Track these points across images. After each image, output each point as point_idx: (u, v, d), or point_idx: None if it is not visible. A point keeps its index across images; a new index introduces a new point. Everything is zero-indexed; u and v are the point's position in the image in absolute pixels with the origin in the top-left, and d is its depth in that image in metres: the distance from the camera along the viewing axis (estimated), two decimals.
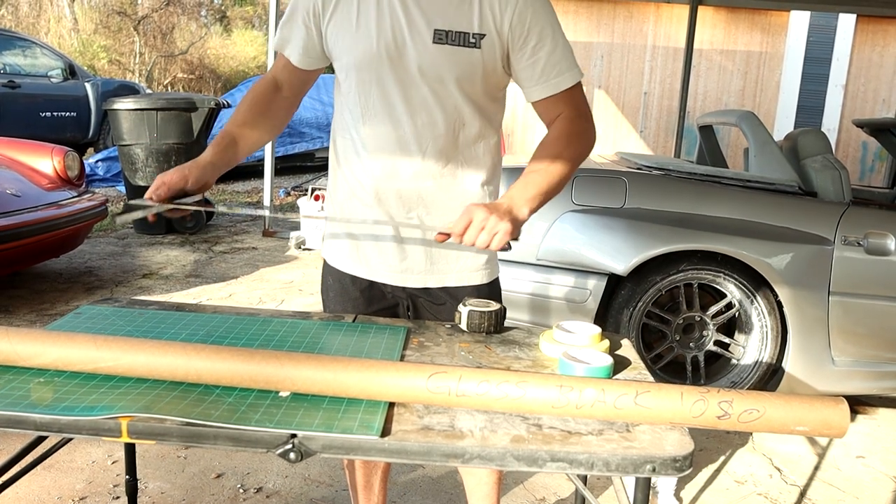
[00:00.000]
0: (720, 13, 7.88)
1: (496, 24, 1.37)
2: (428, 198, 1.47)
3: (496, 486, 1.70)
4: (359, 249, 1.54)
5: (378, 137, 1.44)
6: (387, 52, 1.37)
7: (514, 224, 1.32)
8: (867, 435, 2.98)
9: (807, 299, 2.88)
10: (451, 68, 1.37)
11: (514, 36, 1.38)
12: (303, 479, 2.38)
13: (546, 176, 1.39)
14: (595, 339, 1.32)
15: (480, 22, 1.36)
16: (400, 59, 1.38)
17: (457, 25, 1.36)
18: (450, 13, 1.35)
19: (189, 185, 1.40)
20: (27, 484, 2.25)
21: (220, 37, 19.50)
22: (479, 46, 1.37)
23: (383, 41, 1.37)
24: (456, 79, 1.39)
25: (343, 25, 1.40)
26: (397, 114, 1.41)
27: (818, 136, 3.29)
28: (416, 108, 1.41)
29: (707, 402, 1.02)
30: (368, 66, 1.39)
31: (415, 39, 1.36)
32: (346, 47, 1.41)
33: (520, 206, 1.35)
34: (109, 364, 1.08)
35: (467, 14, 1.36)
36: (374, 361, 1.08)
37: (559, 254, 2.92)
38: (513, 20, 1.36)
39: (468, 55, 1.37)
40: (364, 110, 1.44)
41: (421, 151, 1.43)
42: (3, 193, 3.90)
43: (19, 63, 8.50)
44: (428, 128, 1.42)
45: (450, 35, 1.36)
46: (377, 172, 1.46)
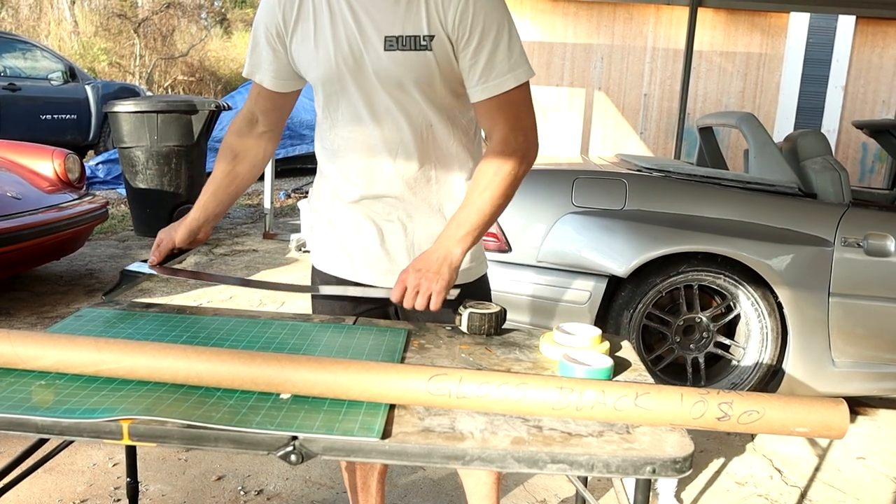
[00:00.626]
0: (720, 15, 7.89)
1: (441, 23, 1.34)
2: (407, 200, 1.48)
3: (495, 486, 1.70)
4: (344, 252, 1.56)
5: (350, 146, 1.46)
6: (346, 64, 1.38)
7: (450, 272, 1.36)
8: (867, 436, 2.98)
9: (807, 301, 2.88)
10: (408, 73, 1.37)
11: (458, 35, 1.34)
12: (304, 481, 2.38)
13: (477, 211, 1.38)
14: (595, 340, 1.33)
15: (428, 23, 1.34)
16: (359, 70, 1.38)
17: (407, 30, 1.34)
18: (398, 19, 1.34)
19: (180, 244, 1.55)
20: (28, 487, 2.25)
21: (221, 39, 19.52)
22: (430, 48, 1.35)
23: (341, 54, 1.37)
24: (415, 83, 1.38)
25: (304, 42, 1.41)
26: (365, 122, 1.43)
27: (818, 137, 3.29)
28: (382, 116, 1.42)
29: (707, 403, 1.02)
30: (331, 80, 1.41)
31: (368, 49, 1.36)
32: (309, 63, 1.42)
33: (452, 250, 1.36)
34: (111, 367, 1.08)
35: (415, 17, 1.34)
36: (375, 363, 1.09)
37: (559, 256, 2.92)
38: (455, 19, 1.32)
39: (422, 58, 1.35)
40: (334, 122, 1.46)
41: (392, 157, 1.45)
42: (4, 196, 3.91)
43: (20, 66, 8.51)
44: (395, 133, 1.43)
45: (400, 40, 1.35)
46: (354, 179, 1.48)
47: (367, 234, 1.52)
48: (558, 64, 8.03)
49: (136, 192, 5.82)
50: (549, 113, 8.09)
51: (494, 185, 1.38)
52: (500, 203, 1.40)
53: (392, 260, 1.53)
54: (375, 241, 1.52)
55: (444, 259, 1.35)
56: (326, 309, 1.62)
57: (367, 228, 1.52)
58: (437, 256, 1.35)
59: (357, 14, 1.35)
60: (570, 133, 8.17)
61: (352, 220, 1.53)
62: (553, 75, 8.05)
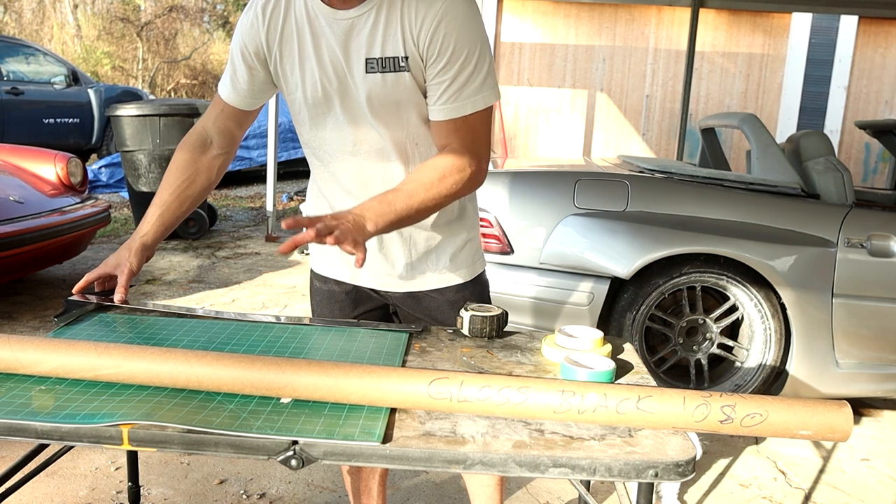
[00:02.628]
0: (722, 15, 7.88)
1: (414, 42, 1.33)
2: None
3: (499, 488, 1.70)
4: (343, 256, 1.56)
5: (341, 159, 1.46)
6: (331, 85, 1.38)
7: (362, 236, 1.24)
8: (872, 437, 2.97)
9: (810, 302, 2.87)
10: (389, 94, 1.36)
11: (427, 54, 1.33)
12: (306, 484, 2.38)
13: (407, 201, 1.30)
14: (597, 343, 1.32)
15: (404, 44, 1.33)
16: (344, 91, 1.38)
17: (386, 51, 1.34)
18: (378, 41, 1.34)
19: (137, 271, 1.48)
20: (30, 491, 2.25)
21: (223, 42, 19.55)
22: (408, 69, 1.35)
23: (326, 76, 1.37)
24: (396, 103, 1.38)
25: (289, 62, 1.40)
26: (352, 142, 1.43)
27: (820, 137, 3.29)
28: (369, 136, 1.42)
29: (710, 406, 1.02)
30: (317, 101, 1.40)
31: (352, 71, 1.36)
32: (295, 84, 1.41)
33: (365, 223, 1.25)
34: (111, 371, 1.08)
35: (393, 39, 1.33)
36: (376, 367, 1.08)
37: (562, 257, 2.92)
38: (426, 38, 1.32)
39: (400, 79, 1.35)
40: (322, 142, 1.46)
41: (381, 174, 1.45)
42: (7, 200, 3.91)
43: (23, 70, 8.54)
44: (383, 153, 1.43)
45: (381, 62, 1.34)
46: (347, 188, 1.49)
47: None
48: (560, 65, 8.03)
49: (139, 195, 5.83)
50: (550, 115, 8.09)
51: (435, 189, 1.33)
52: (428, 208, 1.34)
53: (391, 264, 1.54)
54: (374, 247, 1.52)
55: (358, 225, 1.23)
56: (325, 311, 1.62)
57: None
58: (352, 217, 1.24)
59: (338, 36, 1.35)
60: (572, 134, 8.17)
61: None
62: (555, 77, 8.05)
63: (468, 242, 1.59)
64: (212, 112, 1.53)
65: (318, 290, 1.65)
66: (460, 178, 1.36)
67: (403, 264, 1.54)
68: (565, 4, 7.87)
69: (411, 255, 1.53)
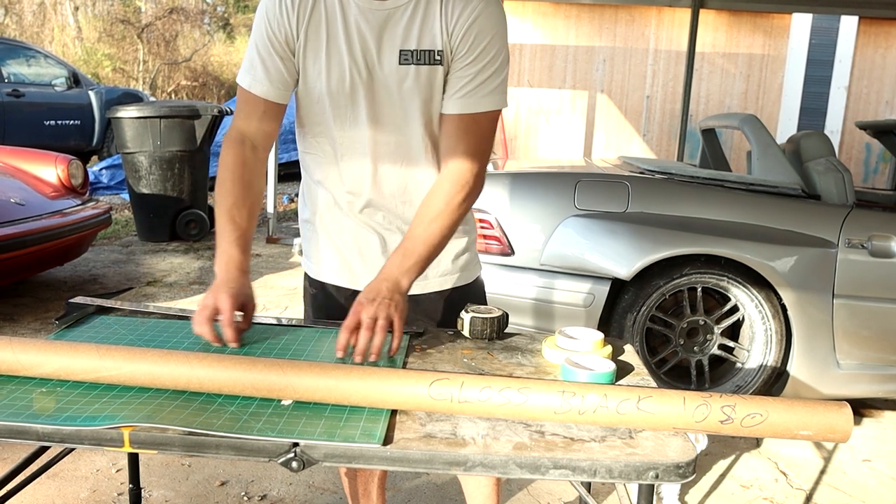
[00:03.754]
0: (722, 16, 7.88)
1: (449, 36, 1.36)
2: (409, 208, 1.49)
3: (495, 489, 1.69)
4: (342, 259, 1.54)
5: (355, 156, 1.45)
6: (358, 75, 1.37)
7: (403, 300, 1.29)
8: (873, 438, 2.96)
9: (811, 302, 2.87)
10: (420, 87, 1.37)
11: (457, 48, 1.36)
12: (307, 486, 2.38)
13: (424, 242, 1.34)
14: (598, 344, 1.32)
15: (441, 38, 1.36)
16: (371, 81, 1.38)
17: (422, 44, 1.35)
18: (414, 32, 1.35)
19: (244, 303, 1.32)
20: (32, 493, 2.26)
21: (224, 44, 19.56)
22: (441, 63, 1.37)
23: (355, 65, 1.36)
24: (425, 96, 1.39)
25: (314, 52, 1.38)
26: (371, 133, 1.42)
27: (821, 138, 3.29)
28: (389, 127, 1.41)
29: (710, 406, 1.02)
30: (341, 92, 1.39)
31: (383, 62, 1.36)
32: (318, 72, 1.39)
33: (400, 281, 1.30)
34: (112, 373, 1.08)
35: (431, 32, 1.35)
36: (376, 369, 1.08)
37: (562, 259, 2.92)
38: (461, 33, 1.35)
39: (433, 73, 1.37)
40: (340, 131, 1.43)
41: (396, 168, 1.45)
42: (7, 202, 3.92)
43: (23, 72, 8.54)
44: (402, 146, 1.43)
45: (415, 54, 1.35)
46: (357, 189, 1.47)
47: (367, 242, 1.52)
48: (560, 66, 8.03)
49: (140, 197, 5.83)
50: (551, 116, 8.09)
51: (444, 216, 1.36)
52: (446, 235, 1.37)
53: None
54: (377, 249, 1.52)
55: (394, 288, 1.29)
56: (322, 317, 1.59)
57: (367, 237, 1.51)
58: (386, 286, 1.28)
59: (373, 26, 1.35)
60: (572, 136, 8.17)
61: (351, 229, 1.52)
62: (555, 78, 8.05)
63: (468, 246, 1.59)
64: (249, 113, 1.44)
65: (314, 297, 1.62)
66: (465, 194, 1.38)
67: None
68: (566, 5, 7.87)
69: None
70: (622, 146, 8.19)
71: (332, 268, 1.57)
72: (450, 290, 1.57)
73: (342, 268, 1.55)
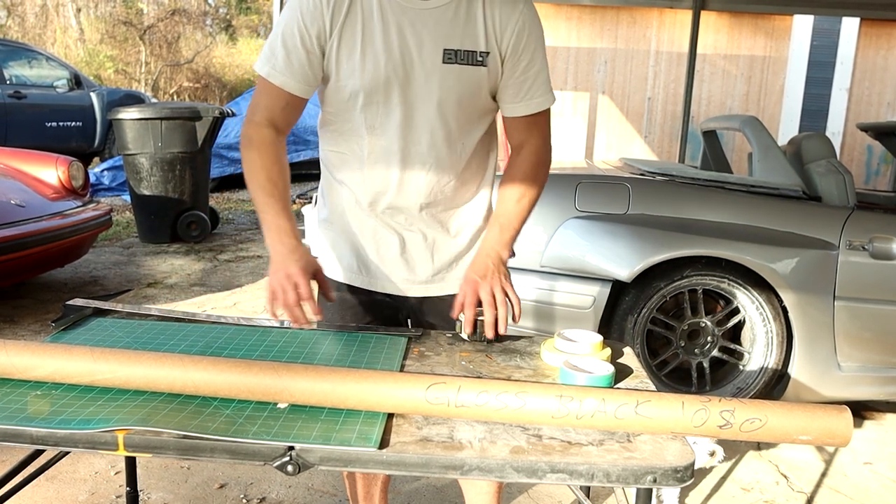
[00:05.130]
0: (723, 18, 7.88)
1: (497, 41, 1.39)
2: (432, 210, 1.49)
3: (496, 496, 1.68)
4: (360, 260, 1.54)
5: (383, 155, 1.44)
6: (395, 73, 1.37)
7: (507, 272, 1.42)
8: (874, 441, 2.95)
9: (812, 304, 2.86)
10: (458, 87, 1.40)
11: (509, 54, 1.41)
12: (306, 488, 2.37)
13: (517, 217, 1.47)
14: (596, 347, 1.31)
15: (486, 40, 1.39)
16: (407, 80, 1.38)
17: (465, 44, 1.38)
18: (457, 32, 1.37)
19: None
20: (30, 495, 2.25)
21: (226, 45, 19.58)
22: (485, 64, 1.40)
23: (391, 63, 1.36)
24: (461, 96, 1.41)
25: (348, 48, 1.37)
26: (402, 132, 1.42)
27: (822, 140, 3.28)
28: (421, 126, 1.42)
29: (709, 411, 1.01)
30: (376, 89, 1.38)
31: (423, 60, 1.37)
32: (352, 70, 1.38)
33: (501, 254, 1.43)
34: (107, 376, 1.07)
35: (473, 33, 1.38)
36: (373, 372, 1.08)
37: (563, 260, 2.91)
38: (512, 39, 1.40)
39: (475, 73, 1.40)
40: (370, 129, 1.43)
41: (425, 168, 1.45)
42: (8, 204, 3.92)
43: (25, 73, 8.55)
44: (432, 145, 1.43)
45: (459, 54, 1.38)
46: (381, 188, 1.46)
47: (387, 243, 1.51)
48: (562, 68, 8.03)
49: (141, 198, 5.83)
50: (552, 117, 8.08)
51: (531, 193, 1.48)
52: (531, 210, 1.49)
53: (411, 269, 1.53)
54: (396, 250, 1.51)
55: (498, 261, 1.41)
56: (336, 319, 1.58)
57: (387, 237, 1.51)
58: (491, 261, 1.40)
59: (414, 25, 1.36)
60: (573, 137, 8.16)
61: (371, 228, 1.51)
62: (556, 79, 8.04)
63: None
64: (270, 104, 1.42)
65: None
66: (543, 172, 1.52)
67: (425, 270, 1.53)
68: (567, 7, 7.87)
69: (434, 261, 1.52)
70: (623, 148, 8.18)
71: (349, 268, 1.56)
72: None
73: (359, 268, 1.55)
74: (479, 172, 1.53)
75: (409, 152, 1.43)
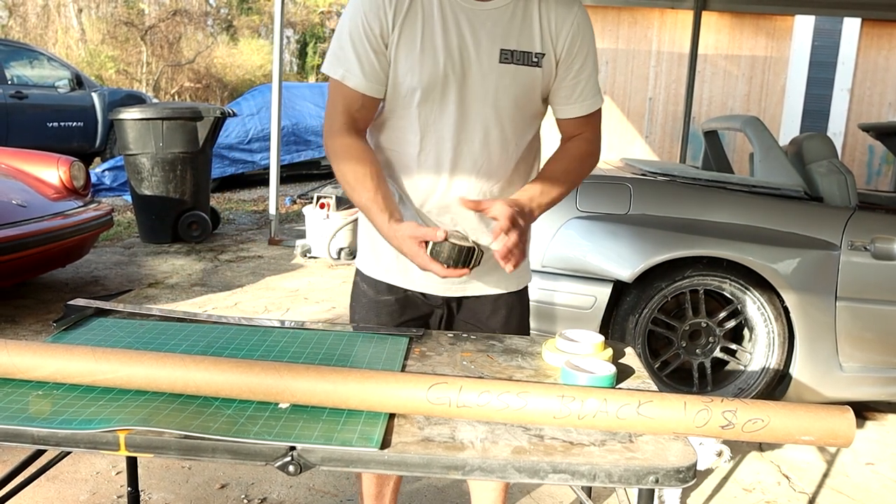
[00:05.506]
0: (724, 18, 7.88)
1: (553, 42, 1.42)
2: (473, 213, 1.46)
3: (502, 495, 1.68)
4: (400, 259, 1.51)
5: (434, 155, 1.44)
6: (453, 71, 1.38)
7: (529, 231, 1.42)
8: (876, 441, 2.95)
9: (813, 305, 2.86)
10: (514, 87, 1.41)
11: (564, 55, 1.43)
12: (307, 489, 2.37)
13: (560, 188, 1.46)
14: (598, 347, 1.31)
15: (541, 41, 1.41)
16: (464, 79, 1.39)
17: (521, 45, 1.40)
18: (514, 33, 1.39)
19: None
20: (31, 495, 2.25)
21: (227, 46, 19.59)
22: (540, 65, 1.42)
23: (450, 62, 1.38)
24: (516, 97, 1.42)
25: (407, 46, 1.38)
26: (456, 131, 1.42)
27: (824, 140, 3.27)
28: (475, 126, 1.42)
29: (711, 411, 1.01)
30: (433, 87, 1.39)
31: (481, 59, 1.38)
32: (409, 68, 1.39)
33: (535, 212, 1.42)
34: (108, 376, 1.07)
35: (528, 34, 1.40)
36: (374, 372, 1.08)
37: (564, 261, 2.91)
38: (567, 41, 1.43)
39: (530, 74, 1.41)
40: (423, 129, 1.43)
41: (476, 168, 1.45)
42: (10, 204, 3.92)
43: (27, 74, 8.56)
44: (485, 144, 1.44)
45: (515, 55, 1.40)
46: (432, 186, 1.46)
47: None
48: None
49: (142, 198, 5.83)
50: None
51: (576, 174, 1.51)
52: (570, 190, 1.51)
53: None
54: None
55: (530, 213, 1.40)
56: (370, 316, 1.57)
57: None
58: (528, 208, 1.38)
59: (473, 24, 1.38)
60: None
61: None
62: None
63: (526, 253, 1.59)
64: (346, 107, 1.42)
65: (363, 294, 1.60)
66: (592, 162, 1.54)
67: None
68: None
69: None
70: (624, 148, 8.18)
71: (388, 266, 1.55)
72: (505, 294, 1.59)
73: (398, 267, 1.53)
74: (525, 176, 1.53)
75: (462, 151, 1.44)
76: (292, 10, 20.44)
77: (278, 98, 5.98)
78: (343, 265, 5.48)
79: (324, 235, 5.54)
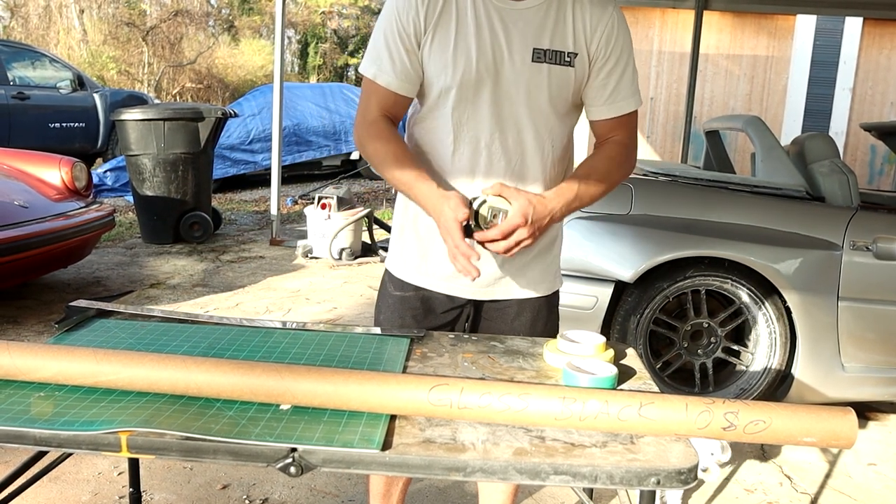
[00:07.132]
0: (726, 18, 7.87)
1: (586, 42, 1.41)
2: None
3: (512, 496, 1.68)
4: (429, 261, 1.52)
5: (467, 155, 1.44)
6: (486, 71, 1.38)
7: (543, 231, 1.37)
8: (879, 442, 2.95)
9: (815, 305, 2.85)
10: (547, 86, 1.41)
11: (598, 56, 1.42)
12: (309, 489, 2.37)
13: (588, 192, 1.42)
14: (600, 348, 1.31)
15: (574, 41, 1.41)
16: (498, 78, 1.39)
17: (554, 44, 1.40)
18: (547, 32, 1.39)
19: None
20: (33, 496, 2.25)
21: (228, 46, 19.60)
22: (573, 65, 1.41)
23: (483, 61, 1.38)
24: (550, 97, 1.42)
25: (441, 45, 1.39)
26: (489, 130, 1.42)
27: (825, 140, 3.27)
28: (508, 126, 1.42)
29: (712, 413, 1.01)
30: (466, 86, 1.39)
31: (514, 58, 1.38)
32: (444, 67, 1.39)
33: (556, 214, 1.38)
34: (110, 378, 1.07)
35: (561, 33, 1.40)
36: (375, 374, 1.08)
37: (565, 261, 2.89)
38: (600, 41, 1.42)
39: (564, 73, 1.41)
40: (456, 129, 1.43)
41: (510, 169, 1.44)
42: (12, 204, 3.92)
43: (29, 75, 8.56)
44: (518, 145, 1.44)
45: (548, 54, 1.40)
46: (463, 188, 1.44)
47: None
48: None
49: (144, 199, 5.84)
50: None
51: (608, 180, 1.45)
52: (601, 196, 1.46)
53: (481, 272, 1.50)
54: None
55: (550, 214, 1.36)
56: (395, 317, 1.57)
57: None
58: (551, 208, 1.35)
59: (506, 24, 1.38)
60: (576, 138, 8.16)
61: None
62: None
63: (557, 258, 1.60)
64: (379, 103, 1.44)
65: (389, 295, 1.59)
66: (627, 167, 1.50)
67: (492, 273, 1.51)
68: None
69: (503, 265, 1.50)
70: None
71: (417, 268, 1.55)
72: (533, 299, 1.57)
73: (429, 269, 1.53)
74: (557, 179, 1.50)
75: (495, 151, 1.44)
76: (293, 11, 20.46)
77: (279, 98, 5.98)
78: (344, 266, 5.48)
79: (325, 236, 5.54)
